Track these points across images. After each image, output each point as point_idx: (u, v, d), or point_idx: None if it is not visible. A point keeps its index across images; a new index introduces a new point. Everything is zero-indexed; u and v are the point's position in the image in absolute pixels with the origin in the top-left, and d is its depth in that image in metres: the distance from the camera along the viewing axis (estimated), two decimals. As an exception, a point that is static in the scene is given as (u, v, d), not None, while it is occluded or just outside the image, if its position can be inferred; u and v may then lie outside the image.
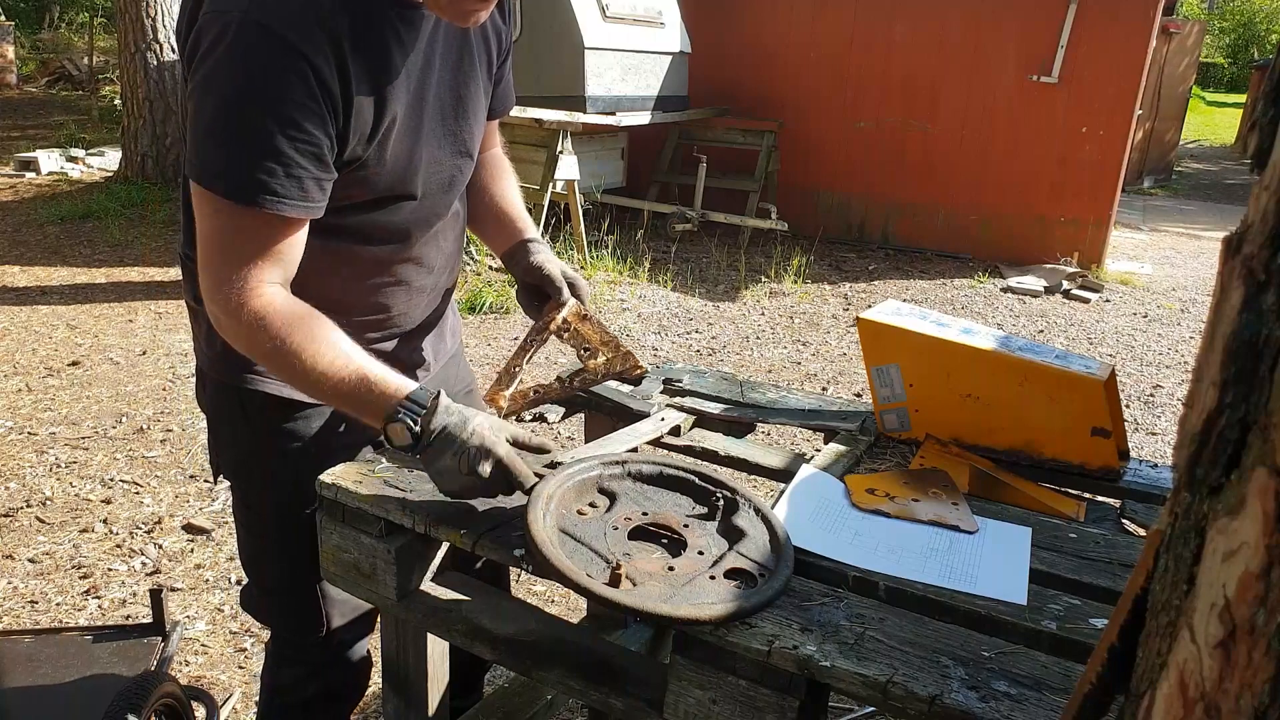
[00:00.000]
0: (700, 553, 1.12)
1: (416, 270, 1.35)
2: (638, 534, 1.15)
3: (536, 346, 1.43)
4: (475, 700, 1.75)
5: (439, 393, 1.14)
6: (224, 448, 1.39)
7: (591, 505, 1.20)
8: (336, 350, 1.13)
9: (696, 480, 1.25)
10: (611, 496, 1.21)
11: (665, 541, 1.15)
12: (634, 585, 1.04)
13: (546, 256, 1.44)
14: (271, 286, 1.13)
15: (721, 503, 1.21)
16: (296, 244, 1.15)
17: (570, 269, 1.46)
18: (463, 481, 1.12)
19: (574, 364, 1.51)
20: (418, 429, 1.11)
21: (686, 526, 1.16)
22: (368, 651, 1.54)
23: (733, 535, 1.15)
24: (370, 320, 1.34)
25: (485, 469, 1.11)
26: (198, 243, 1.13)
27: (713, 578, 1.06)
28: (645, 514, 1.18)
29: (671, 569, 1.08)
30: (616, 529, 1.14)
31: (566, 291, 1.43)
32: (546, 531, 1.09)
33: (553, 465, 1.21)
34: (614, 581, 1.02)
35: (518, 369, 1.39)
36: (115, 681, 1.47)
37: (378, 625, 1.44)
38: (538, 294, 1.46)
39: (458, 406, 1.15)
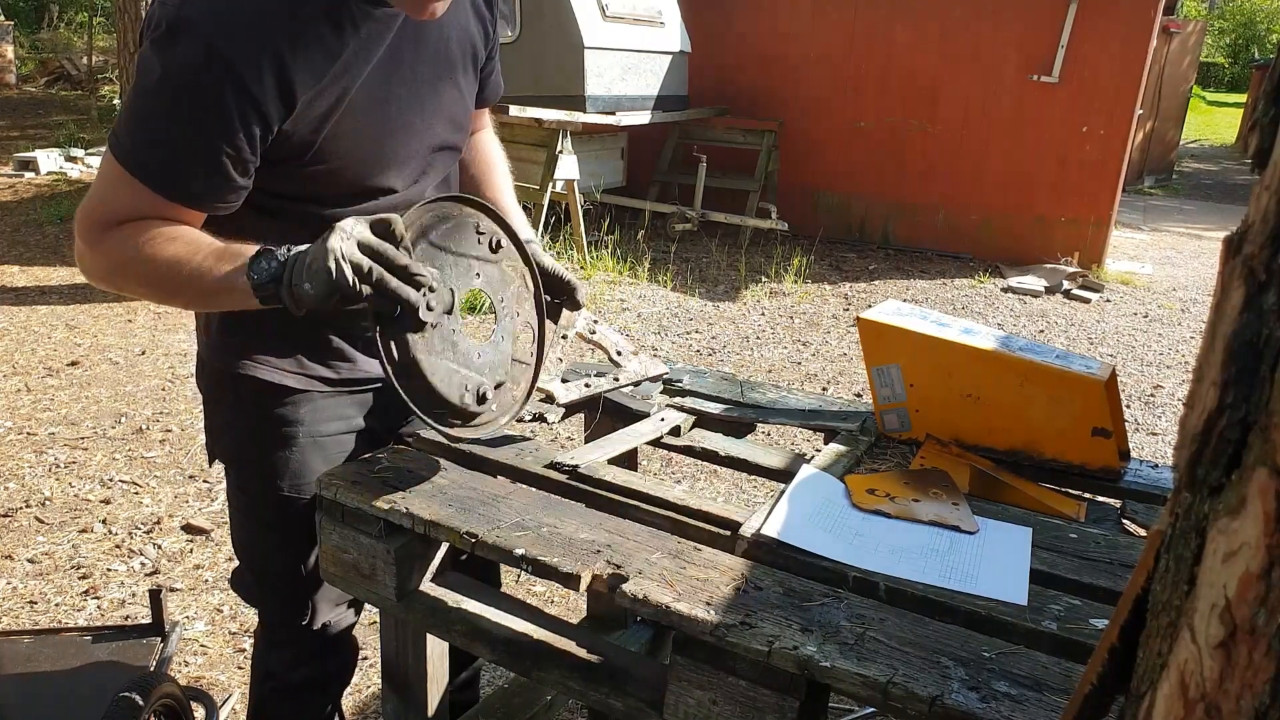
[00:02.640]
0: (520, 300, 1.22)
1: None
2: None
3: (560, 346, 1.49)
4: (471, 697, 1.76)
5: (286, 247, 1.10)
6: (219, 432, 1.41)
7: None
8: (195, 238, 1.14)
9: (435, 220, 1.17)
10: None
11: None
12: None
13: (548, 258, 1.44)
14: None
15: (497, 240, 1.22)
16: (182, 217, 1.16)
17: (568, 272, 1.47)
18: (333, 284, 1.03)
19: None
20: (283, 254, 1.08)
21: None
22: (354, 636, 1.56)
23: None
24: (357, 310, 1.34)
25: (347, 270, 1.02)
26: (92, 184, 1.16)
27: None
28: (453, 291, 1.15)
29: (520, 335, 1.21)
30: (456, 331, 1.15)
31: (580, 292, 1.42)
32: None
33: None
34: (481, 400, 1.12)
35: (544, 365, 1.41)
36: (115, 681, 1.47)
37: (376, 623, 1.45)
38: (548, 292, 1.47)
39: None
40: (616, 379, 1.54)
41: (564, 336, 1.48)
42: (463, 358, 1.17)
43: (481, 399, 1.15)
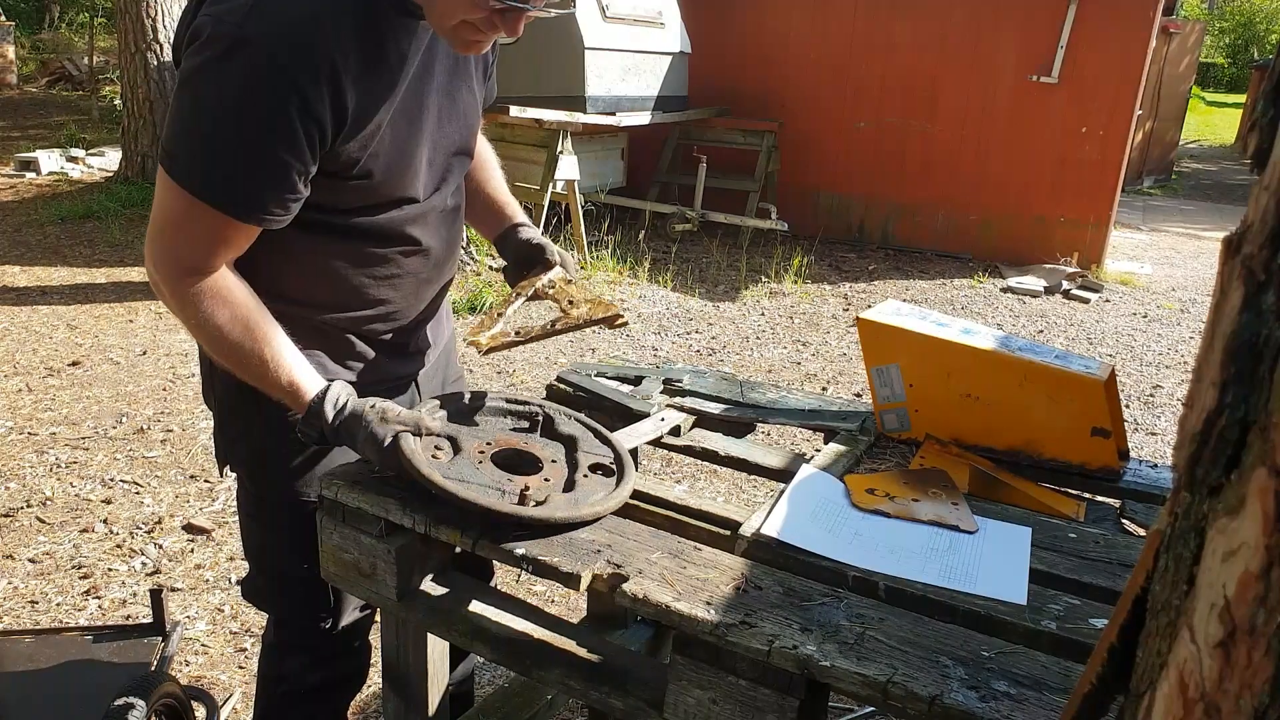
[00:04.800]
0: (554, 461, 1.28)
1: (423, 263, 1.39)
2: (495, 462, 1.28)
3: (521, 299, 1.47)
4: (466, 689, 1.77)
5: (324, 392, 1.23)
6: (236, 440, 1.41)
7: (438, 449, 1.27)
8: (279, 339, 1.21)
9: (505, 403, 1.41)
10: (451, 439, 1.30)
11: (514, 461, 1.28)
12: (538, 503, 1.17)
13: (536, 233, 1.55)
14: (218, 268, 1.18)
15: (541, 417, 1.37)
16: (246, 240, 1.19)
17: (560, 248, 1.54)
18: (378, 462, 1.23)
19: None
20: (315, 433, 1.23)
21: (527, 444, 1.31)
22: (368, 640, 1.56)
23: (568, 441, 1.33)
24: (377, 314, 1.36)
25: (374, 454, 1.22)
26: (152, 212, 1.17)
27: (586, 476, 1.24)
28: (489, 443, 1.30)
29: (549, 479, 1.23)
30: (481, 463, 1.25)
31: (556, 256, 1.51)
32: (445, 479, 1.18)
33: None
34: (524, 501, 1.16)
35: (500, 313, 1.42)
36: (115, 681, 1.47)
37: (377, 623, 1.45)
38: (527, 267, 1.53)
39: (346, 405, 1.24)
40: (552, 324, 1.44)
41: (518, 295, 1.46)
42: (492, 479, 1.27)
43: (522, 498, 1.20)
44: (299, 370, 1.22)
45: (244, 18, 1.06)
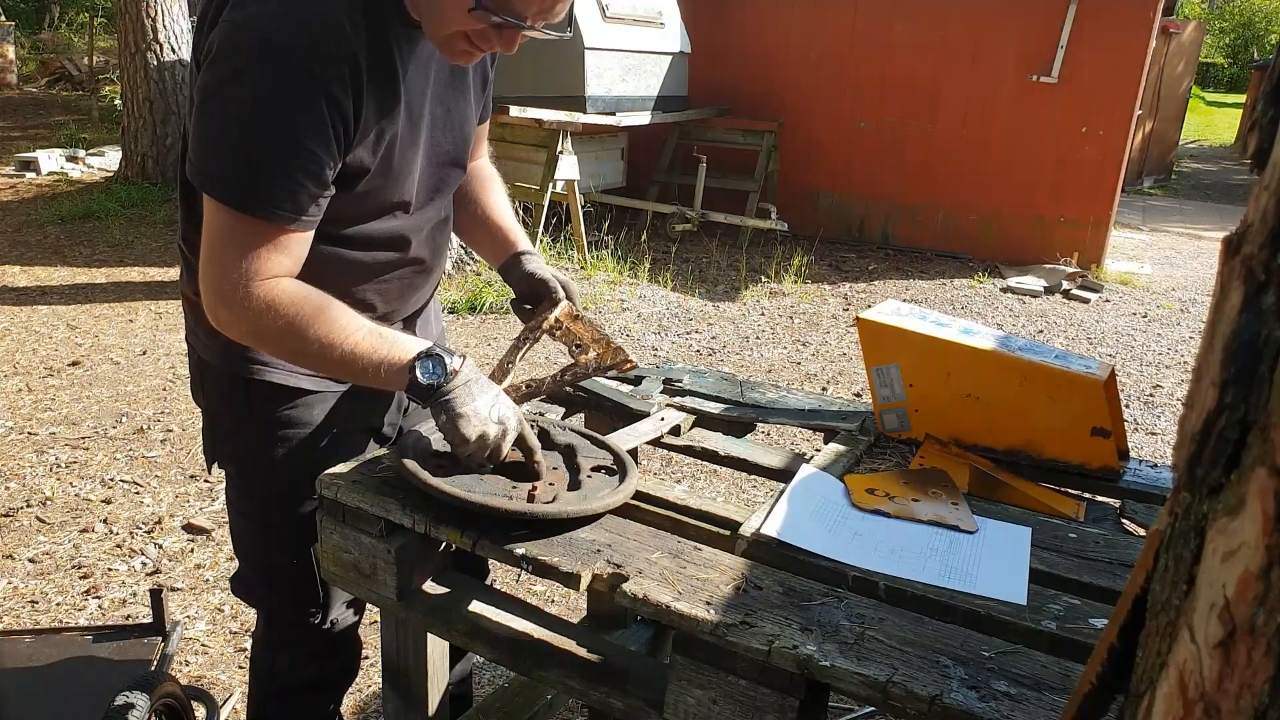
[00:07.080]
0: (555, 468, 1.30)
1: (413, 271, 1.39)
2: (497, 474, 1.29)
3: (530, 344, 1.46)
4: (465, 690, 1.77)
5: (464, 353, 1.24)
6: (225, 437, 1.41)
7: (440, 466, 1.27)
8: (347, 318, 1.18)
9: None
10: (448, 457, 1.31)
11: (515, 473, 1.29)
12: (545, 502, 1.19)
13: (539, 265, 1.49)
14: (274, 277, 1.16)
15: (536, 430, 1.37)
16: (301, 245, 1.18)
17: (562, 275, 1.49)
18: (487, 429, 1.20)
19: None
20: (452, 365, 1.18)
21: (524, 453, 1.32)
22: (358, 636, 1.56)
23: (565, 450, 1.35)
24: (366, 316, 1.35)
25: (511, 422, 1.22)
26: (203, 242, 1.16)
27: (589, 476, 1.27)
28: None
29: (552, 484, 1.25)
30: (484, 476, 1.26)
31: (561, 292, 1.46)
32: (456, 487, 1.19)
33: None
34: (531, 499, 1.18)
35: (510, 365, 1.41)
36: (116, 681, 1.47)
37: (376, 622, 1.45)
38: (532, 301, 1.49)
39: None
40: (561, 374, 1.44)
41: (526, 340, 1.45)
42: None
43: (530, 498, 1.22)
44: (384, 350, 1.19)
45: (266, 23, 1.06)
